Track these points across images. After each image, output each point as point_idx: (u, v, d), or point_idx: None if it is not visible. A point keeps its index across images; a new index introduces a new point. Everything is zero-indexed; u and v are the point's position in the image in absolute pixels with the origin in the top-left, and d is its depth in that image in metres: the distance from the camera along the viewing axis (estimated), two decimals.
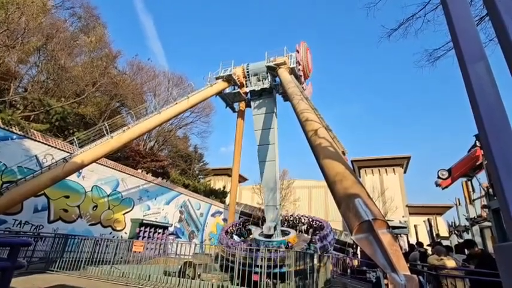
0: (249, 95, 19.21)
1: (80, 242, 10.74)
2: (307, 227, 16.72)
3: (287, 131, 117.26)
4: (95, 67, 23.72)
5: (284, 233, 15.32)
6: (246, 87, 18.77)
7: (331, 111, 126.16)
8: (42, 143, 15.18)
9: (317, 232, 15.10)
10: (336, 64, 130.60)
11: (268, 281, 9.15)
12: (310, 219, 16.97)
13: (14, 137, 13.97)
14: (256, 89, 18.14)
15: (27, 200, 12.50)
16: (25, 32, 17.54)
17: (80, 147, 13.35)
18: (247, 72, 18.60)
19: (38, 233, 13.63)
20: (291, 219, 17.67)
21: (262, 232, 14.95)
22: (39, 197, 14.52)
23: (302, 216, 17.70)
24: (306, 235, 15.81)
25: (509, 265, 1.29)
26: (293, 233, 15.20)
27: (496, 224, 10.31)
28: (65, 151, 15.57)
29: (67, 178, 13.84)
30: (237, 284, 8.85)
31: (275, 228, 13.73)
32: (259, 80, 18.25)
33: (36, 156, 14.59)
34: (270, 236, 14.46)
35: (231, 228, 17.56)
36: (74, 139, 13.86)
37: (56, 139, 16.47)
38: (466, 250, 7.60)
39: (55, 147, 15.65)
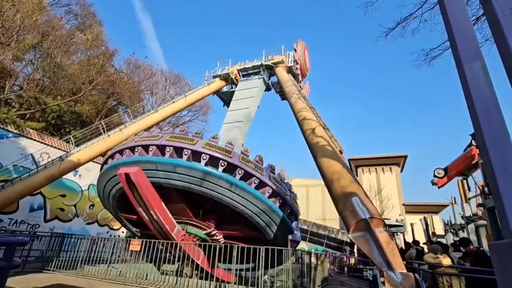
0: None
1: (77, 241, 10.67)
2: None
3: (284, 129, 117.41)
4: (91, 65, 23.55)
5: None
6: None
7: (329, 111, 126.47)
8: (38, 141, 15.06)
9: None
10: (334, 64, 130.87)
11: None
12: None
13: (10, 135, 13.85)
14: (247, 67, 17.68)
15: (23, 199, 12.40)
16: (20, 29, 17.35)
17: (76, 145, 13.27)
18: (244, 69, 18.49)
19: (34, 232, 13.53)
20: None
21: None
22: (35, 196, 14.42)
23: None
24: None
25: (503, 263, 1.30)
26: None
27: (491, 223, 10.42)
28: (61, 150, 15.47)
29: (63, 177, 13.75)
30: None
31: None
32: (254, 68, 17.73)
33: (32, 154, 14.48)
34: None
35: None
36: (70, 138, 13.76)
37: (52, 138, 16.36)
38: (461, 248, 7.68)
39: (51, 146, 15.55)
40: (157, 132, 9.63)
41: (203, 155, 8.34)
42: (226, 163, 8.35)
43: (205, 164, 8.31)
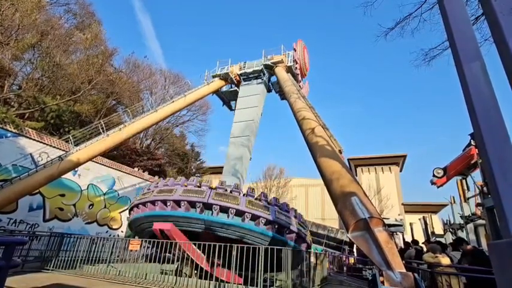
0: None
1: (76, 241, 10.66)
2: None
3: (284, 129, 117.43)
4: (90, 64, 23.47)
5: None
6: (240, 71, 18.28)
7: (329, 111, 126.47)
8: (37, 141, 15.03)
9: None
10: (334, 64, 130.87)
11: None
12: None
13: (9, 135, 13.82)
14: (247, 71, 17.90)
15: (22, 198, 12.38)
16: (19, 28, 17.31)
17: (75, 145, 13.24)
18: (244, 69, 18.53)
19: (33, 232, 13.51)
20: None
21: None
22: (35, 195, 14.40)
23: None
24: None
25: (502, 262, 1.30)
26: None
27: (490, 222, 10.45)
28: (60, 149, 15.44)
29: (63, 176, 13.73)
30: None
31: None
32: (255, 73, 17.98)
33: (31, 154, 14.45)
34: None
35: None
36: (69, 137, 13.72)
37: (51, 137, 16.33)
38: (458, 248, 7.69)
39: (50, 146, 15.51)
40: (196, 181, 10.25)
41: (246, 213, 9.07)
42: (265, 220, 9.19)
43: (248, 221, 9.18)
